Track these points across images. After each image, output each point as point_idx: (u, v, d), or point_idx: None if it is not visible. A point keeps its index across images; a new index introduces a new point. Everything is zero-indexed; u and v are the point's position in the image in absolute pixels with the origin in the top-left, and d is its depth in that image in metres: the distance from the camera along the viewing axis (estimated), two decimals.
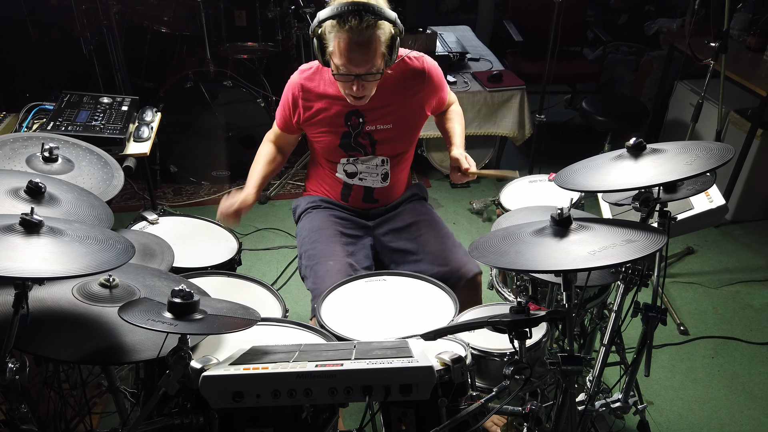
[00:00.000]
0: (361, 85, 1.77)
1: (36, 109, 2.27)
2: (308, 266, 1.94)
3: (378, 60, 1.74)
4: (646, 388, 2.43)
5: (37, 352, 1.21)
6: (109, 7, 3.05)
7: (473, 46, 4.24)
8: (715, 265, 3.20)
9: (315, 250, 1.95)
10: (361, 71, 1.74)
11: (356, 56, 1.70)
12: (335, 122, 1.94)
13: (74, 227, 1.26)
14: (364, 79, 1.76)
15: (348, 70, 1.73)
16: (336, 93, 1.91)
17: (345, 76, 1.76)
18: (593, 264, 1.11)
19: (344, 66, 1.72)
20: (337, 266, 1.86)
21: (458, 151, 2.00)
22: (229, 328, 1.19)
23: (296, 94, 1.95)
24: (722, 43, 2.52)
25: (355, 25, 1.65)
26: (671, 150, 1.41)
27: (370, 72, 1.75)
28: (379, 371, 1.05)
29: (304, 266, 1.98)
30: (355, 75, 1.74)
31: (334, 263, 1.88)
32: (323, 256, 1.92)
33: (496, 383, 1.52)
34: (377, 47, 1.71)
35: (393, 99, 1.93)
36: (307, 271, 1.95)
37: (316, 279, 1.87)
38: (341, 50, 1.70)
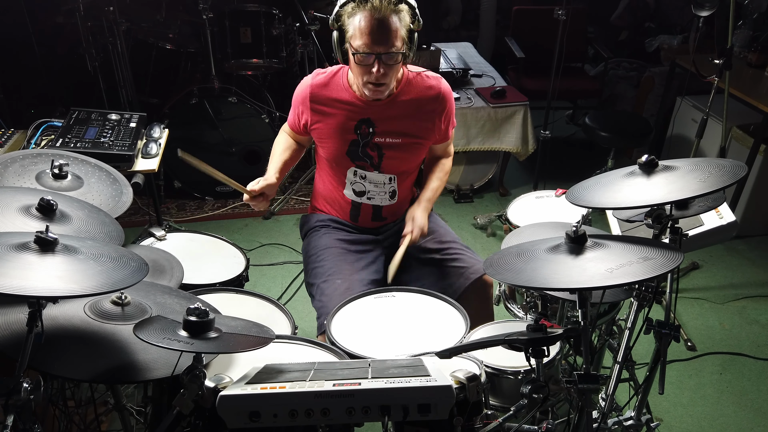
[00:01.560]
0: (381, 66, 1.75)
1: (44, 126, 2.27)
2: (315, 284, 1.93)
3: (398, 41, 1.73)
4: (655, 405, 2.41)
5: (50, 371, 1.20)
6: (117, 25, 3.07)
7: (475, 62, 4.27)
8: (721, 280, 3.20)
9: (322, 269, 1.94)
10: (381, 50, 1.73)
11: (377, 34, 1.70)
12: (345, 128, 1.94)
13: (87, 245, 1.26)
14: (385, 61, 1.75)
15: (369, 49, 1.73)
16: (349, 98, 1.91)
17: (365, 56, 1.74)
18: (611, 282, 1.11)
19: (365, 45, 1.72)
20: (345, 284, 1.85)
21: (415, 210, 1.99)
22: (244, 347, 1.18)
23: (306, 96, 1.95)
24: (726, 60, 2.54)
25: (377, 3, 1.69)
26: (683, 167, 1.41)
27: (391, 52, 1.74)
28: (398, 390, 1.04)
29: (310, 284, 1.97)
30: (375, 54, 1.73)
31: (342, 281, 1.87)
32: (331, 275, 1.91)
33: (509, 401, 1.51)
34: (398, 27, 1.72)
35: (405, 112, 1.93)
36: (313, 289, 1.94)
37: (323, 297, 1.86)
38: (362, 29, 1.71)
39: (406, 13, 1.74)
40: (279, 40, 3.68)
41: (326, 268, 1.93)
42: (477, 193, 3.97)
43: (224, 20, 3.55)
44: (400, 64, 1.81)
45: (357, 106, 1.91)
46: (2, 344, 1.22)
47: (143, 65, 3.83)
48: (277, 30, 3.62)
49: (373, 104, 1.90)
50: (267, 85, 4.02)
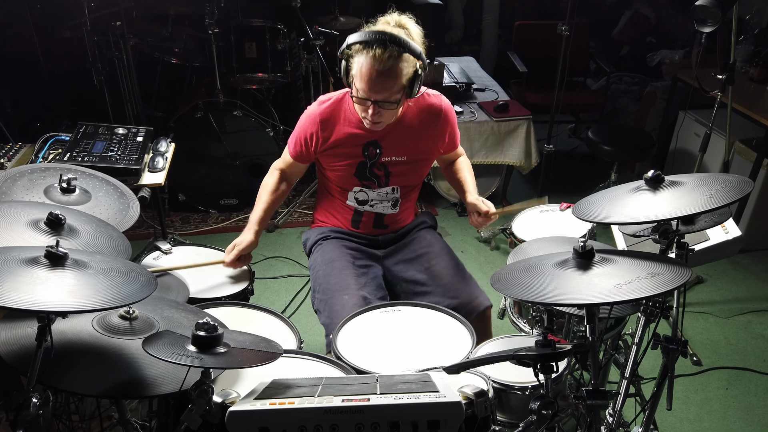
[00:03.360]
0: (377, 111, 1.80)
1: (52, 140, 2.29)
2: (322, 300, 1.93)
3: (396, 91, 1.77)
4: (661, 420, 2.40)
5: (58, 386, 1.20)
6: (125, 40, 3.09)
7: (478, 76, 4.29)
8: (725, 294, 3.19)
9: (329, 284, 1.94)
10: (378, 98, 1.77)
11: (376, 84, 1.74)
12: (353, 152, 1.96)
13: (97, 259, 1.27)
14: (381, 106, 1.80)
15: (366, 95, 1.77)
16: (356, 122, 1.93)
17: (362, 101, 1.80)
18: (620, 297, 1.11)
19: (363, 91, 1.77)
20: (352, 300, 1.85)
21: (473, 197, 2.05)
22: (253, 362, 1.18)
23: (315, 123, 1.96)
24: (729, 74, 2.55)
25: (378, 54, 1.70)
26: (689, 182, 1.42)
27: (388, 100, 1.78)
28: (407, 407, 1.04)
29: (318, 300, 1.96)
30: (372, 101, 1.78)
31: (349, 297, 1.86)
32: (337, 290, 1.90)
33: (517, 417, 1.51)
34: (398, 79, 1.75)
35: (410, 132, 1.96)
36: (321, 305, 1.94)
37: (331, 314, 1.86)
38: (362, 75, 1.74)
39: (409, 63, 1.76)
40: (284, 55, 3.71)
41: (332, 283, 1.93)
42: None
43: (229, 35, 3.58)
44: (398, 107, 1.84)
45: (362, 130, 1.93)
46: (11, 358, 1.22)
47: (149, 79, 3.86)
48: (281, 45, 3.65)
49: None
50: (271, 99, 4.05)
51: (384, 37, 1.71)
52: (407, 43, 1.74)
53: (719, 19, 2.27)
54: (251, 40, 3.60)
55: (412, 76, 1.78)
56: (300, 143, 2.01)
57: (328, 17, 3.95)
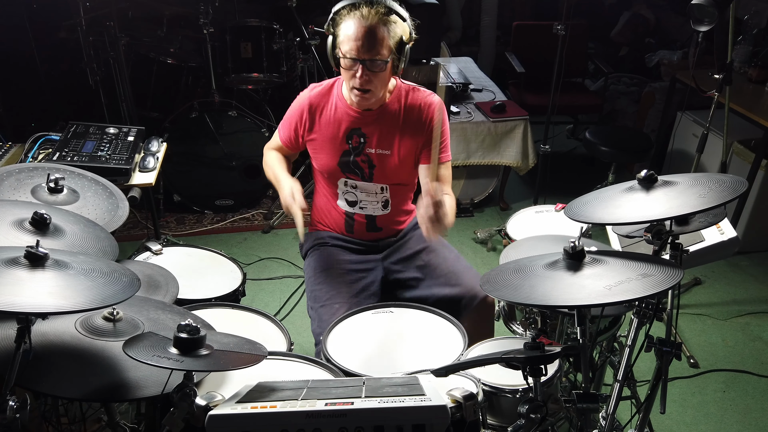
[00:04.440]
0: (365, 73, 1.77)
1: (42, 139, 2.27)
2: (314, 308, 1.92)
3: (384, 50, 1.75)
4: (658, 423, 2.37)
5: (38, 389, 1.18)
6: (117, 40, 3.08)
7: (476, 77, 4.28)
8: (723, 296, 3.17)
9: (321, 292, 1.92)
10: (366, 56, 1.75)
11: (363, 41, 1.73)
12: (337, 139, 1.95)
13: (79, 260, 1.24)
14: (369, 68, 1.76)
15: (354, 55, 1.75)
16: (343, 108, 1.93)
17: (350, 61, 1.77)
18: (610, 299, 1.09)
19: (351, 50, 1.75)
20: (343, 309, 1.82)
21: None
22: (236, 365, 1.16)
23: (304, 108, 1.97)
24: (726, 75, 2.53)
25: (366, 12, 1.72)
26: (683, 182, 1.39)
27: (375, 59, 1.75)
28: (392, 410, 1.02)
29: (309, 307, 1.96)
30: (360, 60, 1.75)
31: (340, 306, 1.85)
32: (329, 299, 1.89)
33: (507, 420, 1.48)
34: (385, 37, 1.74)
35: (395, 124, 1.93)
36: (311, 312, 1.93)
37: (320, 323, 1.84)
38: (349, 35, 1.73)
39: (396, 25, 1.77)
40: (279, 55, 3.69)
41: (324, 292, 1.92)
42: (477, 207, 3.96)
43: (225, 35, 3.57)
44: (386, 72, 1.82)
45: (349, 116, 1.93)
46: None
47: (145, 80, 3.84)
48: (277, 45, 3.64)
49: (365, 115, 1.91)
50: (267, 99, 4.03)
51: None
52: (394, 6, 1.76)
53: (716, 19, 2.25)
54: (247, 40, 3.59)
55: (398, 41, 1.78)
56: (290, 128, 2.02)
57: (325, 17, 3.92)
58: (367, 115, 1.92)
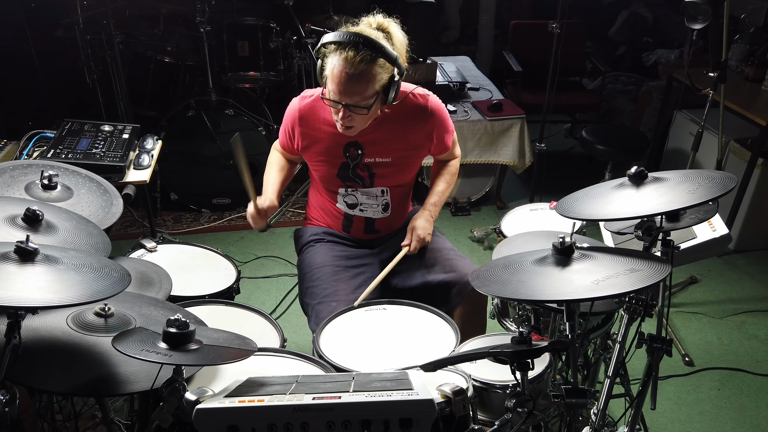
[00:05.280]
0: (347, 115, 1.75)
1: (37, 137, 2.28)
2: (310, 305, 1.91)
3: (369, 96, 1.71)
4: (652, 421, 2.38)
5: (28, 384, 1.19)
6: (112, 37, 3.09)
7: (473, 76, 4.27)
8: (719, 295, 3.17)
9: (317, 289, 1.91)
10: (348, 101, 1.72)
11: (346, 87, 1.68)
12: (333, 152, 1.92)
13: (70, 255, 1.25)
14: (351, 111, 1.74)
15: (337, 98, 1.72)
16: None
17: (333, 102, 1.75)
18: (597, 294, 1.09)
19: (334, 93, 1.72)
20: (340, 307, 1.81)
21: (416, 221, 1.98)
22: (225, 359, 1.16)
23: (295, 120, 1.94)
24: (721, 73, 2.53)
25: (351, 57, 1.65)
26: (673, 179, 1.40)
27: (359, 105, 1.72)
28: (378, 404, 1.02)
29: (305, 304, 1.95)
30: (343, 104, 1.73)
31: (338, 304, 1.84)
32: (326, 296, 1.88)
33: (499, 416, 1.48)
34: (369, 84, 1.69)
35: (393, 133, 1.91)
36: (308, 309, 1.92)
37: (318, 320, 1.83)
38: (333, 77, 1.69)
39: (383, 69, 1.70)
40: (276, 54, 3.70)
41: (321, 289, 1.91)
42: (474, 206, 3.96)
43: (222, 34, 3.57)
44: (369, 112, 1.77)
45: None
46: None
47: (142, 78, 3.85)
48: (274, 43, 3.64)
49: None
50: (265, 98, 4.04)
51: (358, 40, 1.65)
52: (382, 48, 1.67)
53: (709, 17, 2.25)
54: (244, 39, 3.59)
55: (386, 83, 1.73)
56: (284, 136, 2.00)
57: (323, 16, 3.93)
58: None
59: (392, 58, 1.70)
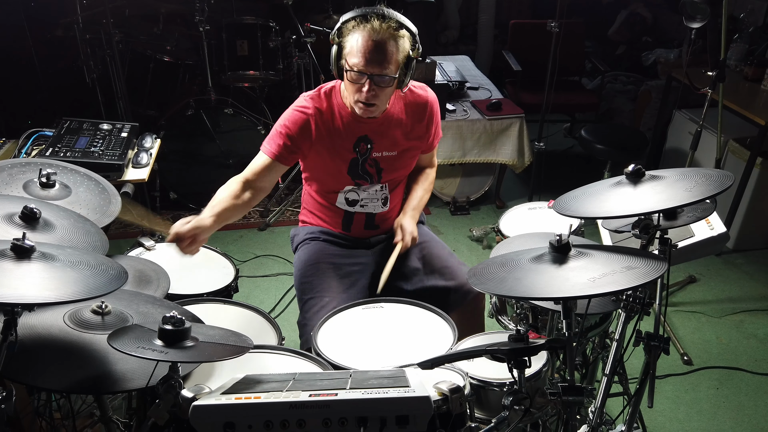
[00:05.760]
0: (372, 88, 1.73)
1: (36, 135, 2.28)
2: (302, 300, 1.92)
3: (393, 66, 1.72)
4: (650, 419, 2.38)
5: (24, 381, 1.19)
6: (111, 36, 3.09)
7: (472, 75, 4.28)
8: (718, 294, 3.17)
9: (310, 285, 1.92)
10: (375, 71, 1.71)
11: (373, 55, 1.69)
12: (344, 148, 1.91)
13: (66, 253, 1.25)
14: (377, 83, 1.73)
15: (362, 69, 1.71)
16: (347, 117, 1.88)
17: (358, 75, 1.72)
18: (593, 291, 1.09)
19: (359, 64, 1.70)
20: (333, 303, 1.82)
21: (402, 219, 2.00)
22: (220, 356, 1.16)
23: (307, 126, 1.86)
24: (719, 72, 2.53)
25: (377, 25, 1.69)
26: (670, 177, 1.40)
27: (384, 74, 1.72)
28: (375, 401, 1.02)
29: (298, 299, 1.96)
30: (368, 75, 1.71)
31: (330, 299, 1.84)
32: (318, 292, 1.88)
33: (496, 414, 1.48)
34: (394, 52, 1.71)
35: (399, 126, 1.93)
36: (300, 304, 1.93)
37: (307, 314, 1.84)
38: (359, 47, 1.69)
39: (405, 39, 1.74)
40: (276, 53, 3.70)
41: (314, 284, 1.91)
42: (473, 205, 3.96)
43: (221, 33, 3.57)
44: (392, 87, 1.79)
45: (354, 124, 1.89)
46: None
47: (141, 77, 3.85)
48: (273, 42, 3.64)
49: (369, 121, 1.88)
50: (264, 97, 4.04)
51: (381, 11, 1.70)
52: (404, 20, 1.73)
53: (708, 16, 2.25)
54: (243, 38, 3.59)
55: (406, 58, 1.75)
56: (285, 140, 1.87)
57: (322, 15, 3.93)
58: (372, 121, 1.89)
59: (413, 31, 1.75)
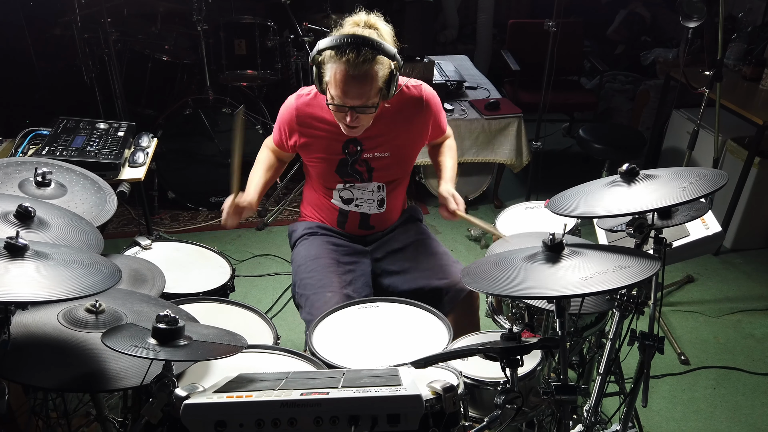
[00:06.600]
0: (355, 116, 1.75)
1: (32, 134, 2.28)
2: (304, 295, 1.91)
3: (373, 94, 1.72)
4: (646, 419, 2.38)
5: (18, 380, 1.19)
6: (108, 35, 3.09)
7: (471, 75, 4.28)
8: (716, 293, 3.17)
9: (312, 280, 1.92)
10: (355, 104, 1.72)
11: (351, 89, 1.69)
12: (332, 149, 1.93)
13: (60, 251, 1.25)
14: (359, 112, 1.75)
15: (342, 102, 1.72)
16: (334, 119, 1.89)
17: (339, 107, 1.74)
18: (585, 290, 1.09)
19: (339, 98, 1.71)
20: (336, 298, 1.82)
21: (446, 188, 1.98)
22: (214, 355, 1.16)
23: (292, 118, 1.93)
24: (717, 71, 2.53)
25: (352, 59, 1.65)
26: (664, 176, 1.40)
27: (365, 105, 1.73)
28: (366, 400, 1.02)
29: (299, 295, 1.94)
30: (349, 107, 1.73)
31: (332, 295, 1.84)
32: (321, 287, 1.88)
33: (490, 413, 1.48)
34: (373, 82, 1.70)
35: (391, 128, 1.92)
36: (302, 300, 1.92)
37: (312, 310, 1.84)
38: (337, 82, 1.69)
39: (384, 65, 1.71)
40: (274, 52, 3.70)
41: (316, 280, 1.91)
42: (472, 205, 3.96)
43: (219, 32, 3.57)
44: (376, 110, 1.78)
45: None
46: None
47: (139, 77, 3.85)
48: (271, 42, 3.64)
49: None
50: (263, 96, 4.04)
51: (356, 41, 1.65)
52: (380, 45, 1.68)
53: (704, 15, 2.25)
54: (241, 38, 3.59)
55: (387, 78, 1.73)
56: (279, 133, 2.00)
57: (320, 15, 3.93)
58: None
59: (391, 54, 1.71)
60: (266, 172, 2.05)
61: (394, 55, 1.72)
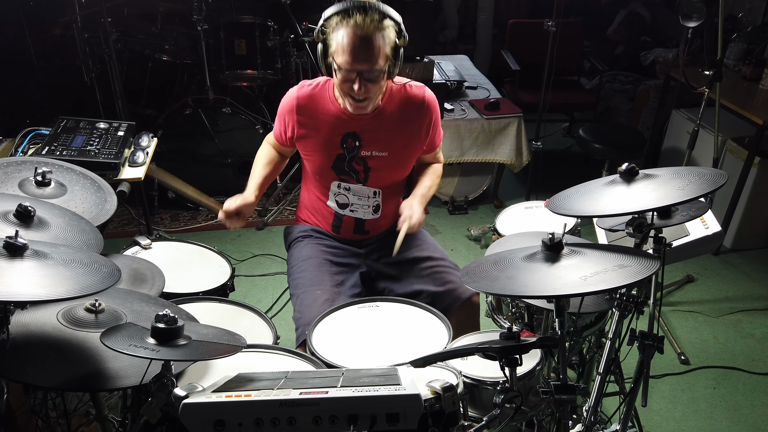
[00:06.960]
0: (363, 84, 1.72)
1: (32, 134, 2.28)
2: (294, 294, 1.92)
3: (381, 59, 1.70)
4: (646, 419, 2.38)
5: (17, 379, 1.19)
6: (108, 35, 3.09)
7: (471, 74, 4.28)
8: (716, 293, 3.17)
9: (303, 279, 1.92)
10: (363, 68, 1.70)
11: (360, 52, 1.67)
12: (331, 143, 1.91)
13: (60, 251, 1.25)
14: (367, 78, 1.72)
15: (351, 67, 1.69)
16: (335, 112, 1.88)
17: (347, 73, 1.71)
18: (584, 289, 1.09)
19: (347, 62, 1.69)
20: (325, 296, 1.82)
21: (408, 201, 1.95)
22: (213, 355, 1.16)
23: (292, 107, 1.91)
24: (716, 71, 2.53)
25: (360, 20, 1.65)
26: (664, 175, 1.40)
27: (373, 69, 1.71)
28: (365, 399, 1.02)
29: (292, 294, 1.95)
30: (357, 72, 1.70)
31: (322, 293, 1.84)
32: (311, 285, 1.88)
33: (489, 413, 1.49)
34: (381, 45, 1.69)
35: (392, 126, 1.91)
36: (293, 299, 1.93)
37: (301, 308, 1.84)
38: (344, 46, 1.67)
39: (390, 30, 1.72)
40: (274, 52, 3.70)
41: (306, 279, 1.91)
42: (471, 204, 3.96)
43: (219, 32, 3.57)
44: (383, 80, 1.78)
45: (343, 120, 1.88)
46: None
47: (139, 77, 3.85)
48: (271, 42, 3.64)
49: (359, 117, 1.87)
50: (263, 96, 4.04)
51: (363, 4, 1.66)
52: (386, 10, 1.70)
53: (704, 14, 2.25)
54: (241, 38, 3.59)
55: (393, 47, 1.73)
56: (279, 125, 1.99)
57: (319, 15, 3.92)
58: (361, 118, 1.87)
59: (396, 20, 1.72)
60: (266, 167, 2.05)
61: (400, 23, 1.74)
